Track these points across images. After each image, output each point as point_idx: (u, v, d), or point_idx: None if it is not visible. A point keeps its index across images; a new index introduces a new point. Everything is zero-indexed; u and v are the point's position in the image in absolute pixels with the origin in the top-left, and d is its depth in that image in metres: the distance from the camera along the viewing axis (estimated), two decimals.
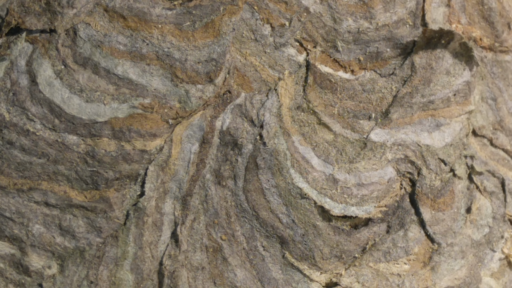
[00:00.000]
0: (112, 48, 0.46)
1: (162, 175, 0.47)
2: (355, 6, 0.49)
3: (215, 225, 0.47)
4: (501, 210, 0.53)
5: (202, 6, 0.47)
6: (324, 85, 0.49)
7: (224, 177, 0.47)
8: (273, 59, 0.48)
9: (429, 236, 0.50)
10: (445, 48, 0.50)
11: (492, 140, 0.53)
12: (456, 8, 0.52)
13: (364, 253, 0.49)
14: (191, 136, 0.47)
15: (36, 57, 0.46)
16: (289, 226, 0.47)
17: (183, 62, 0.47)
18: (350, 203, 0.48)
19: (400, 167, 0.49)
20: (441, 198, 0.50)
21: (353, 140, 0.49)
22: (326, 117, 0.49)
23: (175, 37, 0.47)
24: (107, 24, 0.47)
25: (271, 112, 0.47)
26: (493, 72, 0.54)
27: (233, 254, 0.47)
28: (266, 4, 0.48)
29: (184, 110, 0.47)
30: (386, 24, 0.49)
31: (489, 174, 0.53)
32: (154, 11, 0.47)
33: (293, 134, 0.48)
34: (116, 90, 0.46)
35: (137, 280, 0.46)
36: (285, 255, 0.47)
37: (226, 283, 0.47)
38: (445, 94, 0.50)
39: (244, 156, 0.47)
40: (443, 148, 0.50)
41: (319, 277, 0.48)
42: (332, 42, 0.49)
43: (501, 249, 0.53)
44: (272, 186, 0.47)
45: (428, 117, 0.50)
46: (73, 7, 0.46)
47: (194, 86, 0.47)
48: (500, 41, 0.54)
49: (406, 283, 0.49)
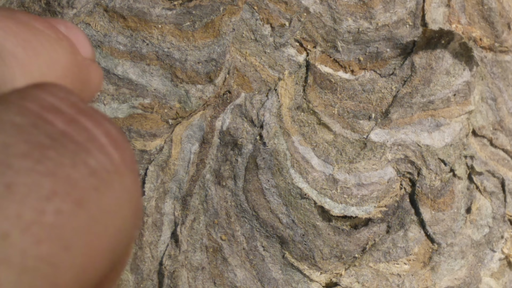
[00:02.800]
0: (112, 48, 0.46)
1: (162, 175, 0.47)
2: (355, 6, 0.49)
3: (215, 225, 0.47)
4: (501, 210, 0.53)
5: (202, 6, 0.47)
6: (324, 85, 0.49)
7: (224, 177, 0.47)
8: (273, 59, 0.48)
9: (429, 236, 0.50)
10: (445, 48, 0.50)
11: (492, 140, 0.53)
12: (456, 8, 0.52)
13: (364, 253, 0.49)
14: (191, 136, 0.47)
15: None
16: (289, 226, 0.47)
17: (183, 62, 0.47)
18: (350, 203, 0.48)
19: (400, 167, 0.49)
20: (441, 198, 0.50)
21: (353, 140, 0.49)
22: (326, 117, 0.48)
23: (175, 37, 0.47)
24: (107, 24, 0.47)
25: (271, 112, 0.47)
26: (493, 72, 0.54)
27: (233, 254, 0.47)
28: (266, 4, 0.48)
29: (184, 110, 0.47)
30: (386, 24, 0.49)
31: (489, 174, 0.53)
32: (154, 11, 0.47)
33: (293, 134, 0.48)
34: (116, 90, 0.46)
35: (137, 280, 0.46)
36: (285, 255, 0.47)
37: (226, 283, 0.47)
38: (445, 94, 0.50)
39: (244, 156, 0.47)
40: (443, 148, 0.50)
41: (319, 277, 0.48)
42: (332, 42, 0.49)
43: (501, 249, 0.53)
44: (272, 186, 0.47)
45: (428, 117, 0.50)
46: (73, 7, 0.46)
47: (194, 86, 0.47)
48: (500, 41, 0.54)
49: (406, 283, 0.49)
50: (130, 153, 0.19)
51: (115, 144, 0.18)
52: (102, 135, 0.18)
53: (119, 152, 0.18)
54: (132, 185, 0.18)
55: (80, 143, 0.17)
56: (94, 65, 0.24)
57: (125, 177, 0.18)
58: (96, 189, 0.17)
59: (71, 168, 0.16)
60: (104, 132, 0.18)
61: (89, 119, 0.18)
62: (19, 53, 0.20)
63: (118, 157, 0.18)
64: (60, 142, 0.17)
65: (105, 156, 0.17)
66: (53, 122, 0.17)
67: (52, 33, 0.22)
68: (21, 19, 0.21)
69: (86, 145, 0.17)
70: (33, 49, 0.20)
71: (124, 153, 0.18)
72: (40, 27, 0.21)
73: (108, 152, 0.18)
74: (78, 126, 0.18)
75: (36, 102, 0.17)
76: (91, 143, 0.17)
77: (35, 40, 0.21)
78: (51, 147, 0.16)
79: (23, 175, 0.15)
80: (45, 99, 0.18)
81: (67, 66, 0.22)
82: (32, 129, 0.17)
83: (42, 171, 0.16)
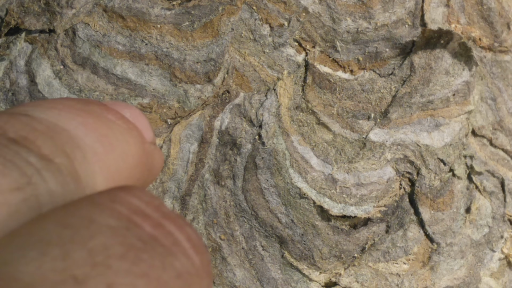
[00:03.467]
0: (111, 48, 0.46)
1: (161, 175, 0.47)
2: (354, 6, 0.49)
3: (214, 224, 0.47)
4: (500, 210, 0.53)
5: (201, 6, 0.47)
6: (323, 85, 0.49)
7: (223, 177, 0.47)
8: (272, 59, 0.48)
9: (428, 236, 0.50)
10: (444, 48, 0.50)
11: (492, 140, 0.53)
12: (455, 8, 0.52)
13: (363, 253, 0.49)
14: (190, 136, 0.47)
15: (35, 57, 0.46)
16: (288, 226, 0.47)
17: (182, 62, 0.47)
18: (349, 203, 0.48)
19: (399, 167, 0.49)
20: (440, 198, 0.50)
21: (352, 140, 0.49)
22: (325, 117, 0.49)
23: (174, 37, 0.47)
24: (106, 24, 0.47)
25: (270, 112, 0.47)
26: (493, 72, 0.54)
27: (232, 254, 0.47)
28: (265, 4, 0.48)
29: (183, 110, 0.47)
30: (385, 24, 0.49)
31: (489, 174, 0.53)
32: (153, 11, 0.47)
33: (292, 134, 0.48)
34: (115, 90, 0.46)
35: None
36: (284, 255, 0.47)
37: (225, 283, 0.47)
38: (444, 94, 0.50)
39: (243, 156, 0.47)
40: (442, 148, 0.50)
41: (318, 276, 0.48)
42: (331, 42, 0.49)
43: (501, 249, 0.53)
44: (271, 185, 0.47)
45: (427, 117, 0.50)
46: (72, 8, 0.46)
47: (193, 86, 0.47)
48: (499, 41, 0.54)
49: (405, 283, 0.49)
50: (208, 258, 0.20)
51: (196, 249, 0.19)
52: (185, 240, 0.19)
53: (199, 256, 0.19)
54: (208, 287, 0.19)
55: (167, 247, 0.18)
56: (156, 150, 0.25)
57: (203, 280, 0.19)
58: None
59: (161, 271, 0.17)
60: (186, 236, 0.19)
61: (173, 223, 0.19)
62: (98, 149, 0.21)
63: (198, 261, 0.19)
64: (150, 245, 0.18)
65: (188, 260, 0.19)
66: (142, 226, 0.18)
67: (123, 123, 0.23)
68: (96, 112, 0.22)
69: (172, 248, 0.18)
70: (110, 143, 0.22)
71: (203, 257, 0.20)
72: (112, 119, 0.23)
73: (190, 256, 0.19)
74: (164, 230, 0.19)
75: (126, 206, 0.18)
76: (176, 247, 0.19)
77: (111, 134, 0.22)
78: (144, 250, 0.17)
79: (122, 276, 0.16)
80: (133, 203, 0.19)
81: (137, 156, 0.23)
82: (126, 232, 0.18)
83: (138, 273, 0.17)
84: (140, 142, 0.23)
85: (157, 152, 0.25)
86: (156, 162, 0.25)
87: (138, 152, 0.23)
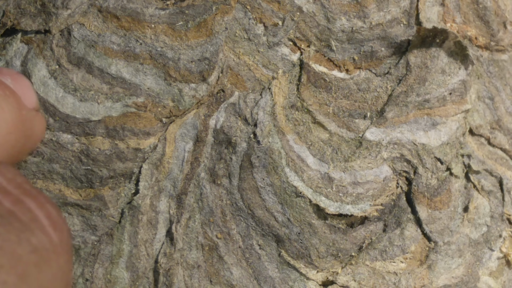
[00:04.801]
0: (105, 48, 0.47)
1: (156, 174, 0.47)
2: (348, 5, 0.49)
3: (211, 223, 0.47)
4: (499, 209, 0.52)
5: (194, 5, 0.47)
6: (319, 84, 0.49)
7: (218, 176, 0.47)
8: (267, 58, 0.48)
9: (426, 234, 0.50)
10: (440, 47, 0.50)
11: (490, 139, 0.53)
12: (450, 7, 0.52)
13: (361, 251, 0.48)
14: (185, 135, 0.47)
15: (31, 57, 0.46)
16: (285, 225, 0.47)
17: (176, 61, 0.47)
18: (345, 202, 0.48)
19: (396, 166, 0.49)
20: (437, 196, 0.50)
21: (348, 139, 0.49)
22: (321, 116, 0.49)
23: (168, 37, 0.47)
24: (101, 24, 0.47)
25: (265, 111, 0.48)
26: (490, 71, 0.54)
27: (229, 253, 0.47)
28: (259, 4, 0.48)
29: (178, 109, 0.47)
30: (380, 23, 0.50)
31: (487, 173, 0.53)
32: (147, 11, 0.47)
33: (288, 132, 0.48)
34: (109, 89, 0.46)
35: (133, 278, 0.46)
36: (281, 254, 0.47)
37: (222, 282, 0.47)
38: (441, 93, 0.50)
39: (238, 154, 0.47)
40: (439, 147, 0.50)
41: (316, 275, 0.48)
42: (326, 41, 0.49)
43: (500, 248, 0.53)
44: (267, 184, 0.47)
45: (424, 116, 0.50)
46: (67, 8, 0.47)
47: (188, 85, 0.47)
48: (496, 40, 0.54)
49: (403, 282, 0.49)
50: (67, 235, 0.20)
51: (55, 226, 0.20)
52: (44, 217, 0.19)
53: (58, 233, 0.20)
54: (65, 264, 0.20)
55: (24, 222, 0.18)
56: (37, 116, 0.25)
57: (61, 257, 0.19)
58: (37, 265, 0.18)
59: (16, 244, 0.17)
60: (46, 213, 0.20)
61: (33, 200, 0.19)
62: None
63: (56, 238, 0.19)
64: (7, 220, 0.18)
65: (45, 236, 0.19)
66: (1, 201, 0.18)
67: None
68: None
69: (30, 224, 0.19)
70: None
71: (62, 234, 0.20)
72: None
73: (48, 232, 0.19)
74: (23, 206, 0.19)
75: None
76: (34, 223, 0.19)
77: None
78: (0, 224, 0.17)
79: None
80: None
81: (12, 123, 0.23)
82: None
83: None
84: (16, 109, 0.23)
85: (38, 119, 0.25)
86: (37, 128, 0.25)
87: (14, 119, 0.23)
